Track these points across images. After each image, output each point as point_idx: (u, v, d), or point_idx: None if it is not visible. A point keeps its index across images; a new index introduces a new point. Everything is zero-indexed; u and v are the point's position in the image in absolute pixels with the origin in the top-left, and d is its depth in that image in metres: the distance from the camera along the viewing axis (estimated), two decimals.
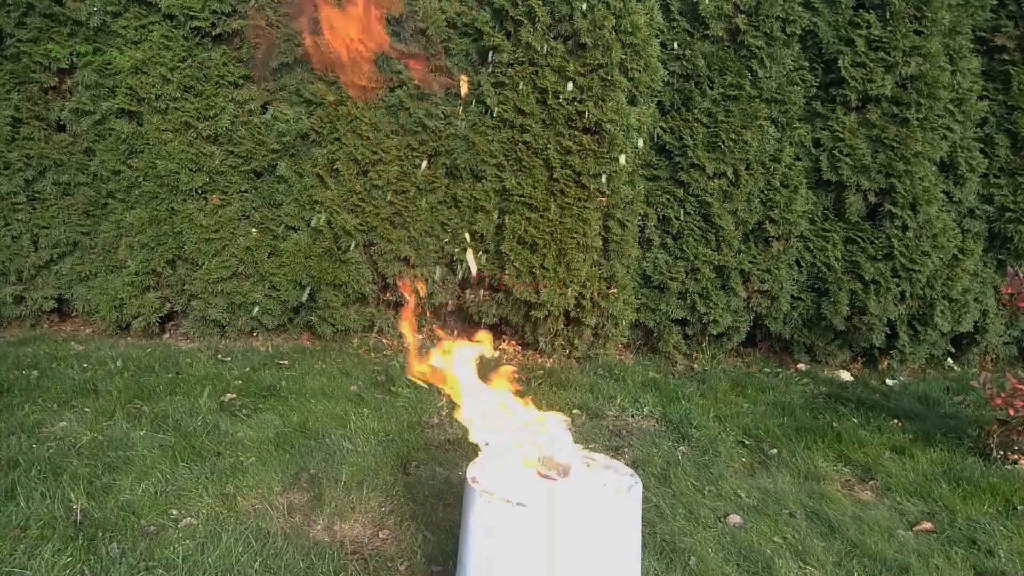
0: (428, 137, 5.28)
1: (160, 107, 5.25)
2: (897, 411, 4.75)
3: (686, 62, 5.31)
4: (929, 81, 5.13)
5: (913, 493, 3.64)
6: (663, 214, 5.46)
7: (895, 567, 3.00)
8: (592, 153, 4.98)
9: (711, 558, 3.00)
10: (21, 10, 5.24)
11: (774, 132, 5.33)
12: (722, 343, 5.73)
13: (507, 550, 1.99)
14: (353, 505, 3.27)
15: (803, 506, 3.48)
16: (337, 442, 3.87)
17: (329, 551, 2.91)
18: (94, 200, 5.55)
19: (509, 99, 5.03)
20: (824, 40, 5.26)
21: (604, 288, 5.27)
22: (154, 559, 2.81)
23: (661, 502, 3.43)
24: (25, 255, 5.54)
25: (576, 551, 1.97)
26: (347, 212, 5.39)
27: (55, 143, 5.47)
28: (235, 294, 5.42)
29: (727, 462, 3.91)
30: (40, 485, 3.25)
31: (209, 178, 5.34)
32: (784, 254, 5.45)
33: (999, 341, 5.80)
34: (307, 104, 5.33)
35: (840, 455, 4.04)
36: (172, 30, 5.18)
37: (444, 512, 3.23)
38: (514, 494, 2.04)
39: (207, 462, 3.59)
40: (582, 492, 2.10)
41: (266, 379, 4.77)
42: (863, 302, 5.33)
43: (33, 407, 4.12)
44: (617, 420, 4.45)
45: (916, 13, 5.10)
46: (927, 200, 5.22)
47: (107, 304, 5.48)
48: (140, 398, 4.35)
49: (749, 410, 4.67)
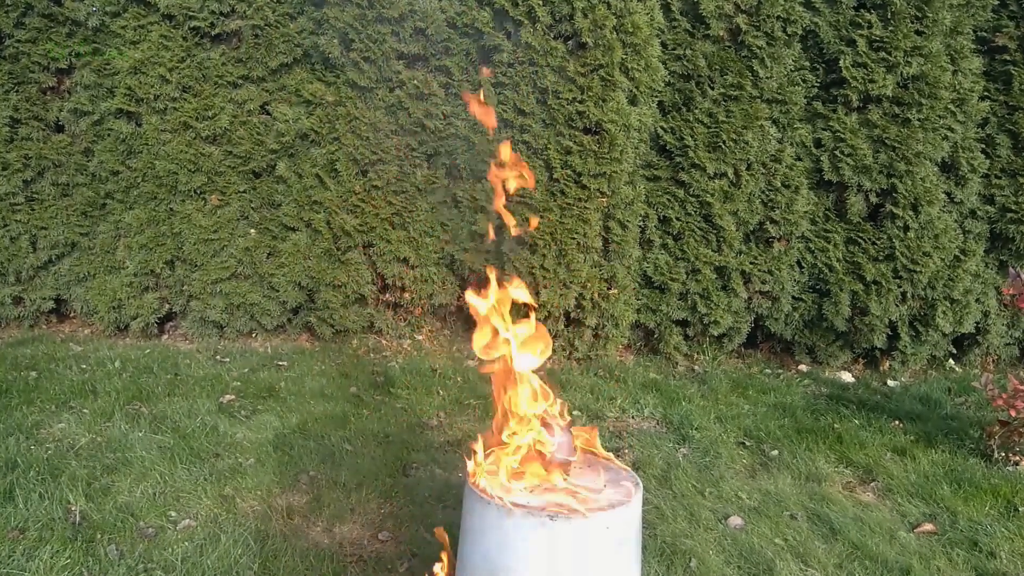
0: (428, 137, 5.27)
1: (159, 107, 5.24)
2: (898, 412, 4.74)
3: (687, 62, 5.30)
4: (930, 81, 5.12)
5: (914, 494, 3.63)
6: (664, 215, 5.44)
7: (896, 569, 2.99)
8: (592, 153, 4.97)
9: (712, 560, 2.99)
10: (20, 10, 5.22)
11: (775, 132, 5.32)
12: (723, 344, 5.72)
13: (507, 553, 1.98)
14: (352, 507, 3.26)
15: (804, 508, 3.46)
16: (336, 444, 3.86)
17: (328, 553, 2.90)
18: (92, 201, 5.54)
19: (509, 99, 5.02)
20: (825, 40, 5.25)
21: (604, 289, 5.25)
22: (153, 561, 2.80)
23: (662, 503, 3.42)
24: (23, 256, 5.52)
25: (577, 553, 1.96)
26: (346, 212, 5.37)
27: (53, 143, 5.46)
28: (234, 295, 5.41)
29: (728, 463, 3.89)
30: (38, 486, 3.24)
31: (208, 178, 5.33)
32: (785, 255, 5.44)
33: (1001, 342, 5.78)
34: (306, 104, 5.32)
35: (841, 456, 4.03)
36: (171, 30, 5.17)
37: (444, 514, 3.21)
38: (514, 495, 2.03)
39: (206, 463, 3.58)
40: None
41: (265, 380, 4.76)
42: (864, 303, 5.32)
43: (31, 408, 4.11)
44: (617, 421, 4.43)
45: (917, 13, 5.09)
46: (928, 201, 5.21)
47: (105, 305, 5.46)
48: (139, 399, 4.33)
49: (750, 411, 4.66)
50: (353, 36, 5.06)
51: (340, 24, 5.04)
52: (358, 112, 5.21)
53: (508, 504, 1.97)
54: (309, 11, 5.23)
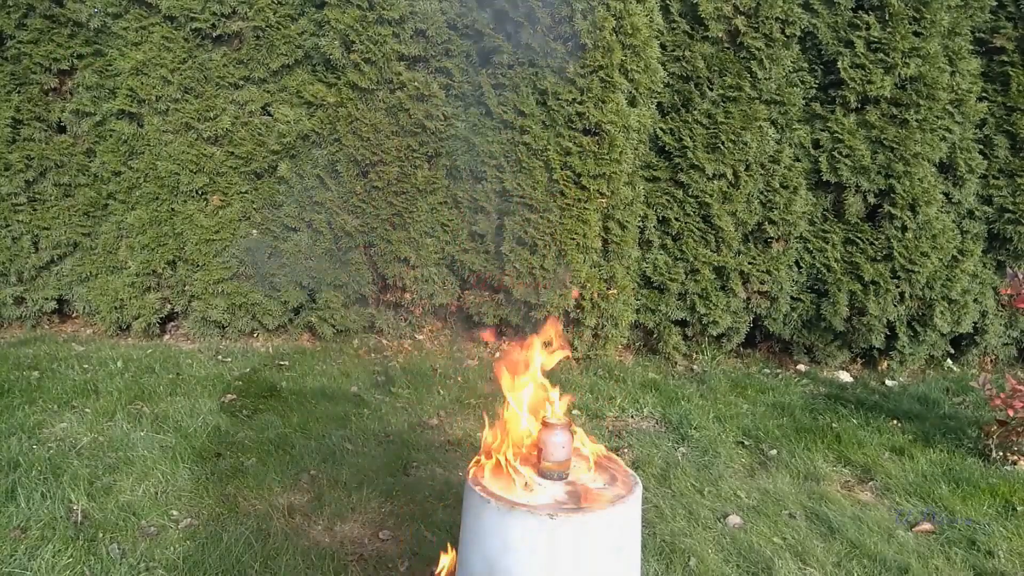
0: (428, 138, 5.29)
1: (160, 108, 5.26)
2: (896, 412, 4.75)
3: (686, 63, 5.32)
4: (928, 82, 5.14)
5: (913, 494, 3.65)
6: (663, 215, 5.46)
7: (895, 568, 3.00)
8: (592, 154, 4.99)
9: (711, 559, 3.01)
10: (21, 11, 5.25)
11: (773, 133, 5.34)
12: (722, 344, 5.74)
13: (507, 551, 1.99)
14: (353, 506, 3.27)
15: (803, 507, 3.48)
16: (337, 443, 3.88)
17: (329, 552, 2.92)
18: (94, 201, 5.56)
19: (509, 100, 5.04)
20: (823, 41, 5.27)
21: (604, 289, 5.27)
22: (155, 560, 2.82)
23: (661, 503, 3.44)
24: (26, 256, 5.54)
25: (577, 551, 1.97)
26: (347, 213, 5.39)
27: (56, 144, 5.48)
28: (235, 295, 5.43)
29: (727, 463, 3.91)
30: (40, 486, 3.25)
31: (210, 179, 5.34)
32: (784, 255, 5.46)
33: (998, 342, 5.80)
34: (308, 105, 5.34)
35: (840, 456, 4.05)
36: (172, 31, 5.18)
37: (444, 513, 3.23)
38: (514, 494, 2.04)
39: (207, 463, 3.60)
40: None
41: (266, 380, 4.78)
42: (862, 303, 5.34)
43: (34, 408, 4.13)
44: (617, 421, 4.45)
45: (915, 14, 5.11)
46: (926, 201, 5.22)
47: (107, 305, 5.48)
48: (141, 399, 4.35)
49: (749, 411, 4.67)
50: (354, 38, 5.08)
51: (341, 26, 5.06)
52: (359, 113, 5.22)
53: (508, 502, 1.99)
54: (310, 12, 5.25)
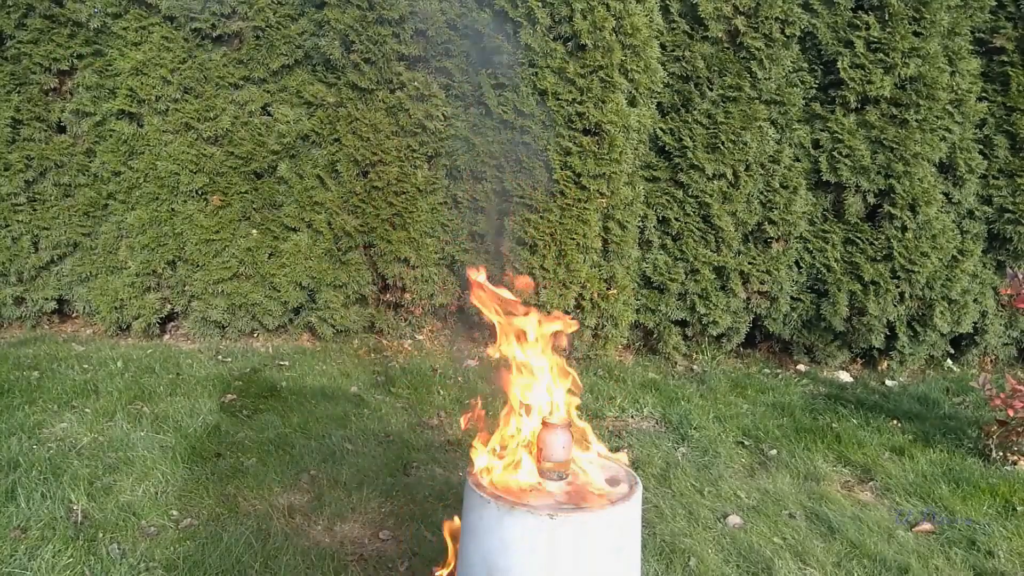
0: (428, 138, 5.29)
1: (160, 108, 5.26)
2: (896, 412, 4.75)
3: (685, 63, 5.32)
4: (928, 82, 5.14)
5: (913, 494, 3.64)
6: (663, 215, 5.46)
7: (895, 568, 3.00)
8: (592, 154, 4.99)
9: (711, 559, 3.01)
10: (21, 11, 5.24)
11: (773, 133, 5.34)
12: (722, 344, 5.74)
13: (507, 551, 1.99)
14: (353, 506, 3.27)
15: (803, 507, 3.48)
16: (337, 443, 3.87)
17: (329, 552, 2.92)
18: (94, 201, 5.55)
19: (509, 100, 5.04)
20: (823, 41, 5.27)
21: (604, 289, 5.27)
22: (154, 560, 2.82)
23: (661, 503, 3.44)
24: (25, 256, 5.54)
25: (577, 551, 1.97)
26: (347, 213, 5.39)
27: (55, 144, 5.48)
28: (235, 295, 5.43)
29: (727, 463, 3.91)
30: (40, 486, 3.25)
31: (209, 179, 5.34)
32: (783, 255, 5.46)
33: (998, 342, 5.80)
34: (307, 105, 5.34)
35: (840, 456, 4.05)
36: (172, 31, 5.19)
37: (444, 513, 3.23)
38: (514, 493, 2.04)
39: (207, 463, 3.60)
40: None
41: (266, 380, 4.78)
42: (862, 303, 5.34)
43: (34, 408, 4.13)
44: (617, 421, 4.45)
45: (915, 14, 5.11)
46: (926, 201, 5.23)
47: (107, 305, 5.48)
48: (141, 399, 4.35)
49: (749, 411, 4.67)
50: (354, 38, 5.08)
51: (341, 26, 5.06)
52: (359, 113, 5.22)
53: (508, 502, 1.99)
54: (310, 12, 5.25)
